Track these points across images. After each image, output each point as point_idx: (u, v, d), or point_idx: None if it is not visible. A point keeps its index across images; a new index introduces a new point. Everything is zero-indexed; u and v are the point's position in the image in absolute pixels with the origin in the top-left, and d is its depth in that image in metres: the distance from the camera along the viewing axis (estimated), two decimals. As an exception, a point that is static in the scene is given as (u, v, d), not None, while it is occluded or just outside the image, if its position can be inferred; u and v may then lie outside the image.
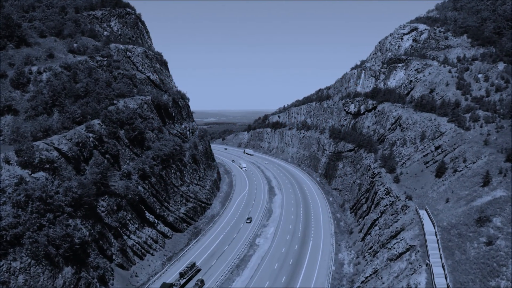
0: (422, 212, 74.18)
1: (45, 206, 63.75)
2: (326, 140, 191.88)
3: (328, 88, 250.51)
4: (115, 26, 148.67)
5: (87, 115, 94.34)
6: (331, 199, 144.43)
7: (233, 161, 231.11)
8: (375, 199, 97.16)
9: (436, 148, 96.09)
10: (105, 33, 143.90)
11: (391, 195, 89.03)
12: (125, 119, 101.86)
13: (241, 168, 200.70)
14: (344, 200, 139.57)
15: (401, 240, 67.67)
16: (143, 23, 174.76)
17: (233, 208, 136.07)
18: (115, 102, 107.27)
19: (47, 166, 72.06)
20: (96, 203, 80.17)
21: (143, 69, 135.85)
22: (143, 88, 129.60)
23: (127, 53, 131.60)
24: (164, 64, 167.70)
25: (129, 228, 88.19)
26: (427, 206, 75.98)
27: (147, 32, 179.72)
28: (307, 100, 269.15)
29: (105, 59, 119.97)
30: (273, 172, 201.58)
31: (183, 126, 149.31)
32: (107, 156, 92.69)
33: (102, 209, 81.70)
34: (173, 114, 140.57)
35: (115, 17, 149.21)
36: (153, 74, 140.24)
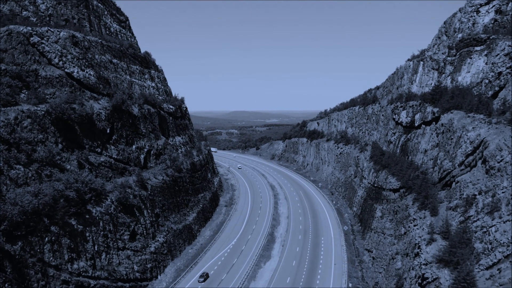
0: None
1: None
2: (366, 163, 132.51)
3: (377, 88, 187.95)
4: (43, 4, 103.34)
5: None
6: (355, 279, 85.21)
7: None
8: None
9: None
10: (24, 13, 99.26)
11: None
12: None
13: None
14: (376, 282, 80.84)
15: None
16: (106, 2, 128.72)
17: (189, 283, 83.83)
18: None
19: None
20: None
21: (61, 63, 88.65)
22: (49, 91, 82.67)
23: (32, 38, 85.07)
24: (134, 58, 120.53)
25: None
26: None
27: (115, 15, 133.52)
28: (351, 103, 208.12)
29: (-27, 46, 74.51)
30: (291, 206, 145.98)
31: (133, 147, 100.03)
32: None
33: None
34: (108, 131, 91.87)
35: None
36: (82, 70, 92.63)
